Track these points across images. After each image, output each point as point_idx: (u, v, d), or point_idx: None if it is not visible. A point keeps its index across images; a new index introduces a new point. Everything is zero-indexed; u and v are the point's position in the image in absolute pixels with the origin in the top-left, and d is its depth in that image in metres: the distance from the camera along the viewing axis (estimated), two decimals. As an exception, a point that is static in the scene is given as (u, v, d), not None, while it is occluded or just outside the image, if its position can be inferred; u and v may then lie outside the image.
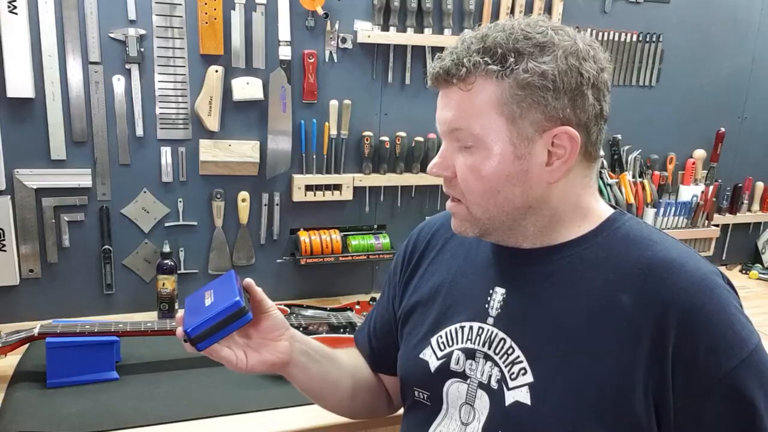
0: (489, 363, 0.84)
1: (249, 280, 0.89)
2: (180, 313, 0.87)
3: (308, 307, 1.75)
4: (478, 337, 0.86)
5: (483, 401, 0.84)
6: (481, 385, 0.85)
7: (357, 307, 1.77)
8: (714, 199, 2.26)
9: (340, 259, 1.83)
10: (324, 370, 0.96)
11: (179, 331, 0.84)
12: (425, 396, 0.92)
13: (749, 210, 2.41)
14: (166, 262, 1.65)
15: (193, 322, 0.82)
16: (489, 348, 0.84)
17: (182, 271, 1.75)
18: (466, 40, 0.78)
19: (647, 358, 0.74)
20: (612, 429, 0.75)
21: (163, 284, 1.64)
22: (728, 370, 0.72)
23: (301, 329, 1.59)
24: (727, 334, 0.73)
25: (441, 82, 0.79)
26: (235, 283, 0.86)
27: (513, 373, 0.81)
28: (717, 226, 2.32)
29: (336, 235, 1.84)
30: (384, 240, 1.89)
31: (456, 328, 0.89)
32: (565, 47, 0.75)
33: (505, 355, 0.83)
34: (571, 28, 0.79)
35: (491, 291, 0.87)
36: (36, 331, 1.32)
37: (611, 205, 0.88)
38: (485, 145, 0.77)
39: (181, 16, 1.60)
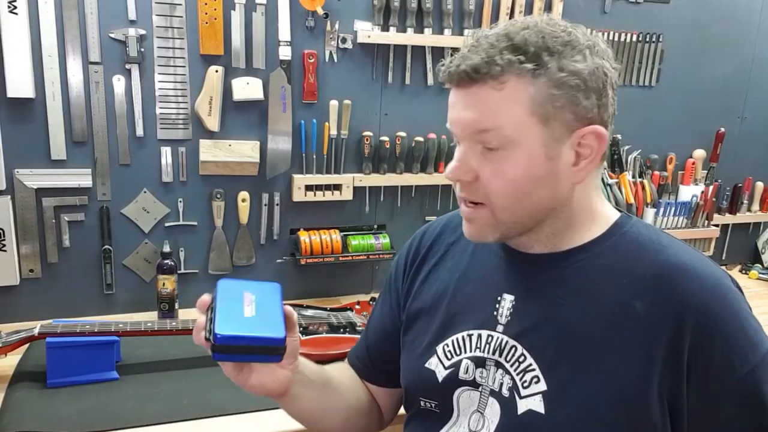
0: (500, 371, 0.82)
1: (289, 308, 0.80)
2: (205, 297, 0.78)
3: (308, 307, 1.75)
4: (488, 345, 0.84)
5: (493, 409, 0.82)
6: (492, 393, 0.83)
7: (357, 307, 1.77)
8: (714, 199, 2.26)
9: (340, 259, 1.83)
10: (316, 398, 0.92)
11: (201, 320, 0.76)
12: (433, 405, 0.90)
13: (749, 210, 2.41)
14: (166, 262, 1.65)
15: (228, 328, 0.71)
16: (500, 356, 0.83)
17: (182, 271, 1.75)
18: (488, 38, 0.74)
19: (662, 364, 0.73)
20: None
21: (163, 284, 1.64)
22: (742, 375, 0.72)
23: (301, 329, 1.59)
24: (740, 339, 0.73)
25: (464, 81, 0.75)
26: (281, 304, 0.78)
27: (525, 381, 0.80)
28: (717, 226, 2.32)
29: (336, 235, 1.84)
30: (384, 240, 1.89)
31: (463, 336, 0.87)
32: (589, 46, 0.74)
33: (517, 363, 0.81)
34: (583, 27, 0.78)
35: (499, 298, 0.85)
36: (36, 331, 1.32)
37: (616, 208, 0.87)
38: (516, 147, 0.74)
39: (181, 16, 1.60)
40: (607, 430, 0.75)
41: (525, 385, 0.80)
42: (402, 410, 1.04)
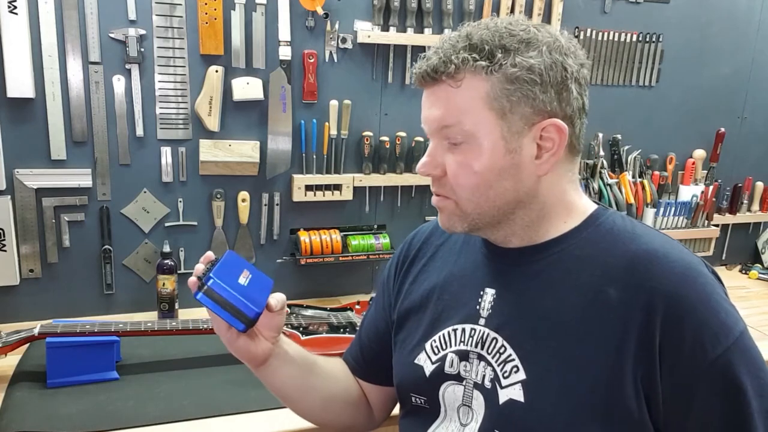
0: (482, 363, 0.85)
1: (280, 295, 0.89)
2: (210, 254, 0.87)
3: (308, 307, 1.75)
4: (471, 339, 0.86)
5: (479, 401, 0.85)
6: (476, 386, 0.85)
7: (357, 307, 1.77)
8: (714, 199, 2.26)
9: (340, 259, 1.83)
10: (295, 377, 0.96)
11: (200, 267, 0.84)
12: (423, 401, 0.92)
13: (749, 210, 2.41)
14: (166, 262, 1.65)
15: (221, 278, 0.80)
16: (482, 348, 0.85)
17: (182, 271, 1.74)
18: (450, 39, 0.79)
19: (635, 349, 0.75)
20: (605, 423, 0.76)
21: (163, 284, 1.64)
22: (714, 357, 0.73)
23: (301, 329, 1.59)
24: (711, 322, 0.74)
25: (428, 81, 0.80)
26: (269, 293, 0.87)
27: (505, 372, 0.82)
28: (717, 226, 2.32)
29: (336, 235, 1.84)
30: (384, 240, 1.89)
31: (449, 332, 0.89)
32: (548, 43, 0.77)
33: (497, 354, 0.83)
34: (551, 26, 0.81)
35: (481, 292, 0.88)
36: (36, 331, 1.32)
37: (594, 201, 0.89)
38: (476, 141, 0.78)
39: (181, 16, 1.60)
40: (585, 417, 0.76)
41: (505, 375, 0.82)
42: (396, 411, 1.05)
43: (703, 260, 0.80)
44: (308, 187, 1.81)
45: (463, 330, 0.87)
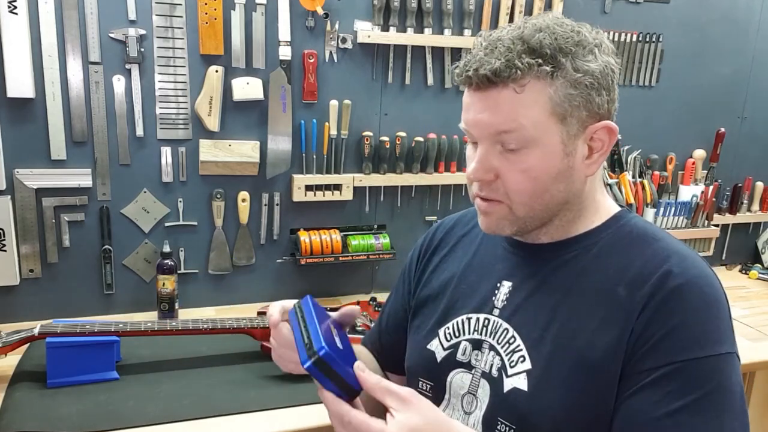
0: (492, 352, 0.86)
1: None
2: (275, 308, 0.81)
3: (308, 307, 1.75)
4: (485, 328, 0.88)
5: (485, 390, 0.86)
6: (483, 375, 0.86)
7: (357, 307, 1.77)
8: (714, 199, 2.26)
9: (340, 259, 1.83)
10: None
11: (285, 332, 0.78)
12: (428, 387, 0.93)
13: (749, 210, 2.41)
14: (166, 262, 1.65)
15: (331, 349, 0.72)
16: (493, 338, 0.86)
17: (182, 271, 1.75)
18: (503, 41, 0.76)
19: (627, 340, 0.75)
20: (603, 414, 0.76)
21: (163, 284, 1.64)
22: (676, 361, 0.72)
23: (301, 329, 1.59)
24: (693, 329, 0.73)
25: (483, 85, 0.76)
26: (349, 342, 0.80)
27: (512, 361, 0.83)
28: (717, 226, 2.32)
29: (336, 235, 1.84)
30: (384, 240, 1.89)
31: (463, 320, 0.90)
32: (597, 44, 0.78)
33: (507, 344, 0.84)
34: (587, 24, 0.81)
35: (499, 284, 0.89)
36: (36, 331, 1.32)
37: (618, 204, 0.90)
38: (537, 146, 0.77)
39: (181, 16, 1.60)
40: (584, 409, 0.76)
41: (512, 364, 0.83)
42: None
43: (720, 282, 0.79)
44: (308, 187, 1.81)
45: (477, 319, 0.89)
